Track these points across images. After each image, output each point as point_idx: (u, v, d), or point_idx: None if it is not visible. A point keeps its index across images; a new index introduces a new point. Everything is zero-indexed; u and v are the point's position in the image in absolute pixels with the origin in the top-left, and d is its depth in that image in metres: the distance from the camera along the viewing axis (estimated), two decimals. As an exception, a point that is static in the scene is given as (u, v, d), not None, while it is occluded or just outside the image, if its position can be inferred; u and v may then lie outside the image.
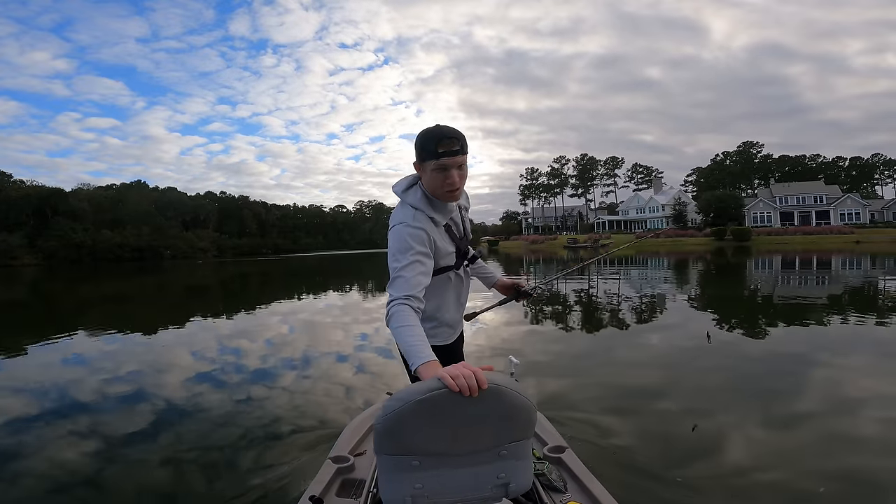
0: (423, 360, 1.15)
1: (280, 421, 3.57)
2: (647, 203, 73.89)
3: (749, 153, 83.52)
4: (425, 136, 1.43)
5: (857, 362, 4.86)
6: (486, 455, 1.10)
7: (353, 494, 1.74)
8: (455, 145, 1.40)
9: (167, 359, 5.89)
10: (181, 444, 3.21)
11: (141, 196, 76.04)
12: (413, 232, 1.43)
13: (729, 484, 2.47)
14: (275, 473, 2.71)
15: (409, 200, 1.51)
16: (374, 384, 4.56)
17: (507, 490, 1.14)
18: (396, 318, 1.27)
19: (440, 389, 1.00)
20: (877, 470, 2.57)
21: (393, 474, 1.09)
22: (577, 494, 1.69)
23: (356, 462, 1.95)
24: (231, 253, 77.41)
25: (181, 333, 7.91)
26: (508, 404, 1.05)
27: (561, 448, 1.97)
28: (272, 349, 6.28)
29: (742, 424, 3.28)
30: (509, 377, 1.10)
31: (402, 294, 1.32)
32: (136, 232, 66.39)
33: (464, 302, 1.75)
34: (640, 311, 8.87)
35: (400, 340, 1.24)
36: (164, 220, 73.13)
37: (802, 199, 60.52)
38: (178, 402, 4.16)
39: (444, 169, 1.41)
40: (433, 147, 1.40)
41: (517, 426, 1.10)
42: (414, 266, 1.37)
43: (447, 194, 1.46)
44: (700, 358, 5.20)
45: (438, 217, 1.52)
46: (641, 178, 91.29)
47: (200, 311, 10.89)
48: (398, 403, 1.03)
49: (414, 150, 1.47)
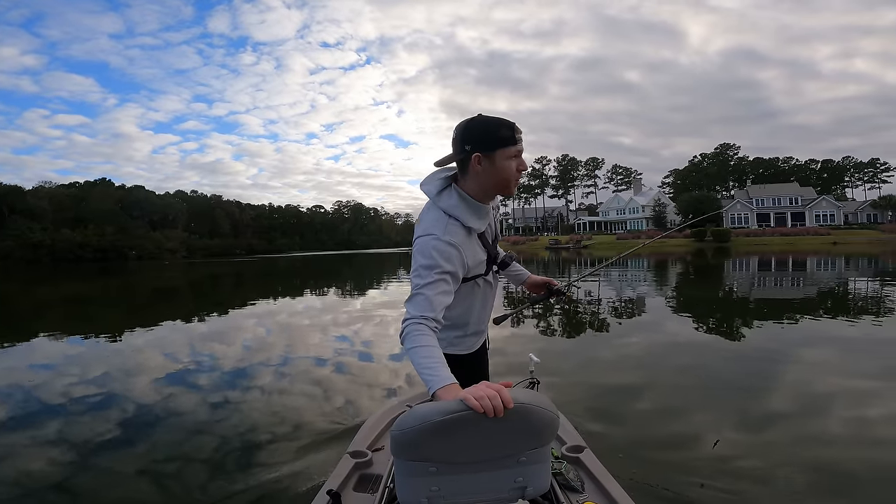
0: (442, 383, 1.10)
1: (297, 412, 3.49)
2: (627, 204, 75.26)
3: (726, 155, 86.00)
4: (493, 123, 1.31)
5: (828, 359, 5.03)
6: (506, 461, 1.09)
7: (370, 489, 1.75)
8: (521, 132, 1.33)
9: (138, 362, 5.69)
10: (183, 441, 3.14)
11: (105, 194, 73.73)
12: (442, 248, 1.30)
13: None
14: (292, 468, 2.75)
15: (442, 205, 1.36)
16: (356, 385, 4.50)
17: (524, 493, 1.13)
18: (411, 339, 1.21)
19: (462, 412, 0.97)
20: (844, 459, 2.68)
21: (409, 478, 1.09)
22: (594, 495, 1.68)
23: (374, 457, 1.95)
24: (202, 254, 75.72)
25: (150, 336, 7.66)
26: (535, 421, 1.03)
27: (580, 448, 1.95)
28: (253, 353, 6.14)
29: (719, 416, 3.36)
30: (533, 391, 1.06)
31: (420, 314, 1.24)
32: (99, 231, 64.36)
33: (490, 307, 1.67)
34: (624, 312, 9.01)
35: (415, 362, 1.18)
36: (129, 219, 71.11)
37: (778, 200, 62.60)
38: (167, 403, 4.02)
39: (519, 154, 1.32)
40: (510, 133, 1.29)
41: (539, 437, 1.09)
42: (437, 285, 1.28)
43: (514, 185, 1.35)
44: (671, 356, 5.31)
45: (476, 224, 1.38)
46: (621, 179, 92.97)
47: (169, 314, 10.57)
48: (418, 421, 1.00)
49: (469, 143, 1.31)
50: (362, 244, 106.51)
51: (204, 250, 78.50)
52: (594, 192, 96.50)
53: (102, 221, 65.95)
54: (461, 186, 1.37)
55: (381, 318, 8.68)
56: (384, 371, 5.02)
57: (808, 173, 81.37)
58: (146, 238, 69.96)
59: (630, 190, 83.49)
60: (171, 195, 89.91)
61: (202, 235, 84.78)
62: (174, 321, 9.10)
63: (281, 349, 6.18)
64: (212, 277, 25.32)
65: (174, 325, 8.65)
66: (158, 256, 66.28)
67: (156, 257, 65.33)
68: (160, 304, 13.67)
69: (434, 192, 1.39)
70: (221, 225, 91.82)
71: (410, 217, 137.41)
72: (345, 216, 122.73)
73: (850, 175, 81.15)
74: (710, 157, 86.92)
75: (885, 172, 77.41)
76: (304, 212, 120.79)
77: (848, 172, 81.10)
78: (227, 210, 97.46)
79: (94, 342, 7.25)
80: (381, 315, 8.99)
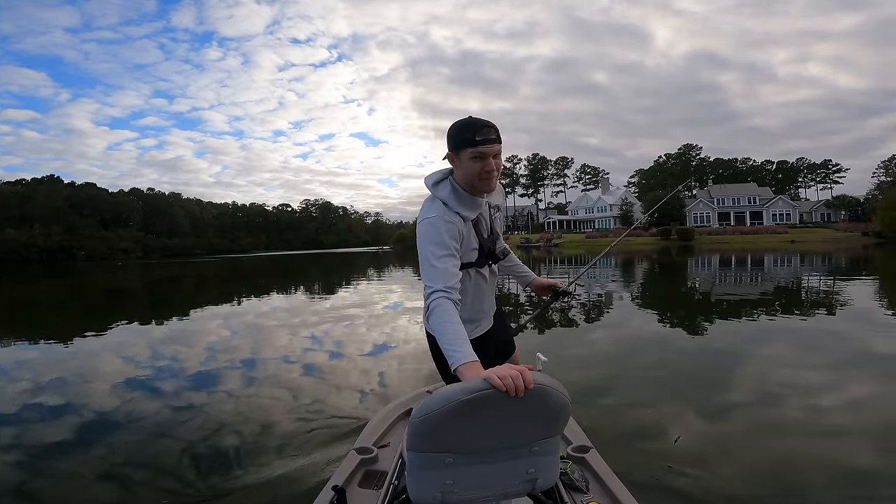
0: (465, 360, 1.15)
1: (310, 407, 3.45)
2: (596, 203, 77.01)
3: (689, 156, 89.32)
4: (461, 125, 1.45)
5: (782, 353, 5.34)
6: (519, 451, 1.13)
7: (375, 486, 1.77)
8: (492, 133, 1.43)
9: (94, 366, 5.48)
10: (188, 438, 3.06)
11: (54, 192, 70.01)
12: (446, 226, 1.44)
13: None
14: (298, 463, 2.77)
15: (438, 195, 1.52)
16: (324, 383, 4.49)
17: (534, 485, 1.17)
18: (438, 313, 1.28)
19: (486, 390, 1.01)
20: (796, 446, 2.89)
21: (424, 471, 1.11)
22: (598, 495, 1.69)
23: (379, 454, 1.98)
24: (159, 254, 73.04)
25: (105, 341, 7.37)
26: (552, 403, 1.08)
27: (585, 448, 1.98)
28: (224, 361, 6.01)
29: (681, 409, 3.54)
30: (549, 376, 1.12)
31: (443, 286, 1.32)
32: (46, 231, 61.12)
33: (488, 300, 1.72)
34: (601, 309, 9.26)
35: (441, 337, 1.24)
36: (79, 218, 67.78)
37: (738, 199, 65.51)
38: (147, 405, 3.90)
39: (482, 157, 1.44)
40: (471, 135, 1.42)
41: (553, 423, 1.13)
42: (448, 259, 1.39)
43: (484, 183, 1.47)
44: (642, 352, 5.53)
45: (466, 213, 1.51)
46: (589, 178, 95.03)
47: (124, 317, 10.18)
48: (442, 402, 1.03)
49: (447, 142, 1.48)
50: (331, 243, 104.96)
51: (162, 250, 75.69)
52: (563, 191, 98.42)
53: (50, 220, 62.63)
54: (454, 179, 1.54)
55: (351, 319, 8.63)
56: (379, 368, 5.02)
57: (764, 174, 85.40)
58: (97, 238, 66.83)
59: (598, 189, 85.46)
60: (125, 193, 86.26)
61: (160, 235, 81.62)
62: (130, 324, 8.78)
63: (278, 349, 6.08)
64: (170, 279, 24.46)
65: (130, 329, 8.35)
66: (111, 257, 63.47)
67: (108, 258, 62.55)
68: (114, 307, 13.14)
69: (432, 183, 1.56)
70: (181, 224, 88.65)
71: (381, 216, 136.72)
72: (312, 215, 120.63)
73: (803, 176, 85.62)
74: (675, 158, 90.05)
75: (837, 173, 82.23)
76: (270, 210, 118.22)
77: (802, 173, 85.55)
78: (187, 208, 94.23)
79: (45, 347, 6.91)
80: (353, 315, 8.94)
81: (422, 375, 4.49)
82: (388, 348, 5.97)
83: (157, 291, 18.15)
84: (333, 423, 3.41)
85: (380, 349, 5.92)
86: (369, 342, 6.34)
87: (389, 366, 5.11)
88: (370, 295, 12.56)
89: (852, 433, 3.02)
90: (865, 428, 3.08)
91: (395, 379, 4.61)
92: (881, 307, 8.51)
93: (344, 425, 3.34)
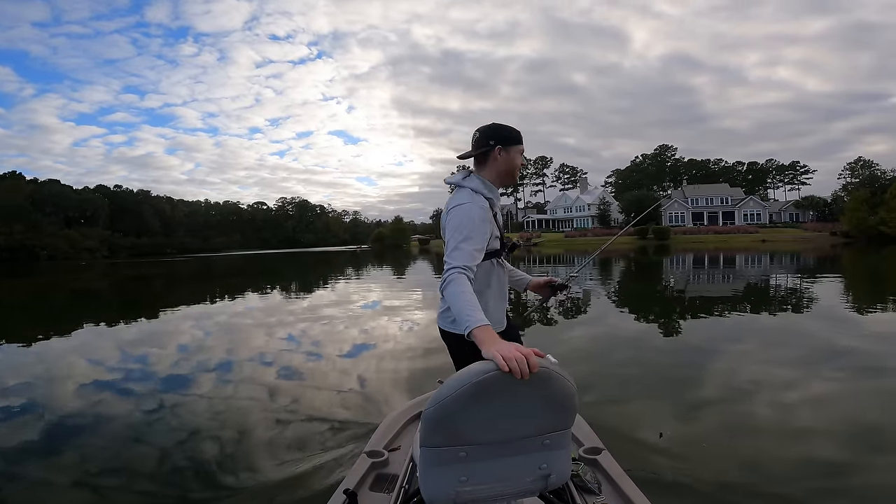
0: (478, 323, 1.24)
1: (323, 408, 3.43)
2: (574, 202, 78.07)
3: (664, 156, 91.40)
4: (509, 127, 1.75)
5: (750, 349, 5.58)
6: (531, 444, 1.15)
7: (386, 489, 1.78)
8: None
9: (62, 369, 5.34)
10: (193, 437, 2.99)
11: (15, 189, 67.02)
12: (476, 211, 1.58)
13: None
14: (307, 467, 2.77)
15: (469, 185, 1.67)
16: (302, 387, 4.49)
17: (547, 482, 1.19)
18: (454, 284, 1.40)
19: (494, 371, 1.04)
20: (765, 438, 3.06)
21: (438, 468, 1.11)
22: (611, 497, 1.70)
23: (390, 457, 1.99)
24: (126, 253, 70.85)
25: (72, 343, 7.18)
26: (557, 389, 1.10)
27: (597, 450, 1.99)
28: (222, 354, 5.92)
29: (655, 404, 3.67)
30: (556, 363, 1.14)
31: (461, 263, 1.45)
32: (6, 229, 58.67)
33: (505, 297, 1.82)
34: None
35: (455, 304, 1.36)
36: (41, 216, 65.29)
37: (711, 200, 67.38)
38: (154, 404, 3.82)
39: (522, 153, 1.77)
40: (519, 136, 1.74)
41: (561, 413, 1.15)
42: (473, 241, 1.52)
43: (516, 176, 1.77)
44: (618, 349, 5.69)
45: (494, 199, 1.72)
46: (568, 178, 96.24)
47: (91, 319, 9.91)
48: (455, 386, 1.05)
49: (494, 138, 1.71)
50: (308, 242, 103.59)
51: (129, 249, 73.40)
52: (542, 190, 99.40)
53: (9, 218, 60.13)
54: (480, 174, 1.74)
55: (328, 318, 8.60)
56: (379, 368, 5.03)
57: (735, 175, 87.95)
58: (59, 236, 64.46)
59: (577, 189, 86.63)
60: (90, 190, 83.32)
61: (127, 234, 79.18)
62: (97, 325, 8.56)
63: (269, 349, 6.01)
64: (138, 279, 23.79)
65: (98, 331, 8.14)
66: (74, 256, 61.30)
67: (71, 257, 60.37)
68: (80, 309, 12.75)
69: (460, 179, 1.72)
70: (150, 222, 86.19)
71: (359, 214, 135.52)
72: (289, 213, 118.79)
73: (772, 177, 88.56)
74: (651, 158, 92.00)
75: (804, 175, 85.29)
76: (245, 209, 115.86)
77: (771, 174, 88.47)
78: (157, 206, 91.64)
79: (9, 350, 6.68)
80: (330, 315, 8.91)
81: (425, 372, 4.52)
82: (391, 347, 5.99)
83: (124, 292, 17.65)
84: (341, 426, 3.40)
85: (374, 349, 5.94)
86: (374, 340, 6.35)
87: (399, 365, 5.12)
88: (347, 294, 12.51)
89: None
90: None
91: (404, 378, 4.63)
92: (844, 305, 8.93)
93: (351, 427, 3.34)
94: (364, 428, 3.21)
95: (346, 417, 3.57)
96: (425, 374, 4.54)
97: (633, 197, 65.35)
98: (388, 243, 69.45)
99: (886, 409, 3.47)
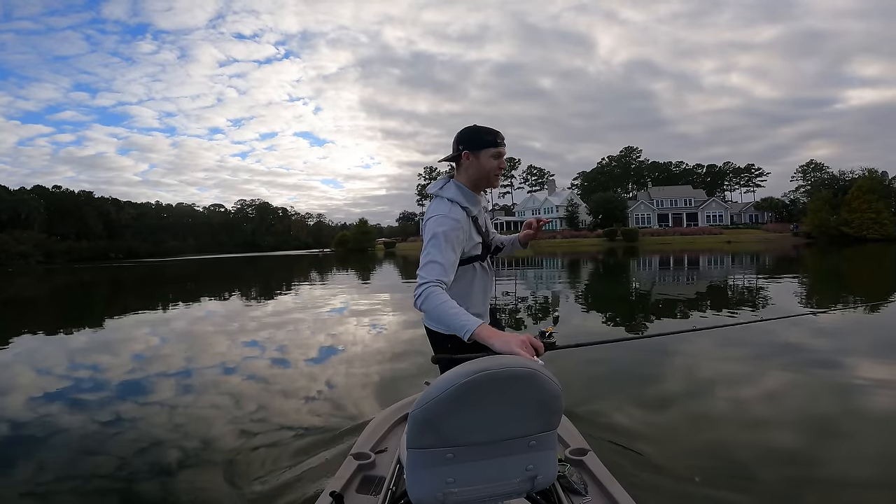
0: (477, 323, 1.33)
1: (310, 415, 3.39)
2: (543, 204, 79.44)
3: (629, 158, 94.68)
4: (480, 130, 1.75)
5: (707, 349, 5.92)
6: (518, 445, 1.19)
7: (373, 491, 1.80)
8: (503, 139, 1.76)
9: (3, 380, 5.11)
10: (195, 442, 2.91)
11: (-64, 189, 62.92)
12: (449, 222, 1.63)
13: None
14: (294, 471, 2.77)
15: (445, 194, 1.73)
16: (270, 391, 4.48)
17: (533, 483, 1.22)
18: (434, 297, 1.44)
19: (482, 371, 1.08)
20: (724, 429, 3.30)
21: (425, 470, 1.15)
22: (597, 498, 1.74)
23: (377, 459, 2.01)
24: (65, 258, 67.50)
25: (11, 353, 6.85)
26: (542, 390, 1.14)
27: (583, 451, 2.04)
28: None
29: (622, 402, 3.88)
30: (542, 364, 1.18)
31: (435, 278, 1.50)
32: (-73, 233, 54.89)
33: (488, 296, 1.88)
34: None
35: (443, 314, 1.41)
36: (-33, 218, 61.39)
37: (675, 201, 70.10)
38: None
39: (499, 156, 1.75)
40: (492, 138, 1.73)
41: (548, 414, 1.19)
42: (447, 254, 1.57)
43: (495, 179, 1.77)
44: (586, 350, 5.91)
45: (471, 207, 1.74)
46: (535, 180, 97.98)
47: (28, 328, 9.45)
48: (442, 387, 1.08)
49: (461, 143, 1.73)
50: (268, 246, 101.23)
51: (67, 254, 70.06)
52: (510, 192, 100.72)
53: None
54: (458, 180, 1.78)
55: (293, 323, 8.52)
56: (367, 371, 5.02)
57: (695, 177, 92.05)
58: (-14, 240, 60.85)
59: (544, 190, 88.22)
60: (26, 191, 79.03)
61: (66, 237, 75.43)
62: (35, 334, 8.19)
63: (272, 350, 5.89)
64: (76, 286, 22.69)
65: (38, 339, 7.79)
66: (5, 262, 57.91)
67: (2, 263, 57.07)
68: (13, 317, 12.11)
69: (437, 188, 1.77)
70: (92, 225, 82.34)
71: (323, 217, 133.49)
72: (249, 216, 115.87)
73: (729, 179, 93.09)
74: (616, 160, 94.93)
75: (759, 177, 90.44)
76: (201, 211, 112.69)
77: (728, 177, 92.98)
78: (101, 208, 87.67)
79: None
80: (296, 319, 8.83)
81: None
82: (381, 349, 6.00)
83: (63, 299, 16.82)
84: (327, 428, 3.42)
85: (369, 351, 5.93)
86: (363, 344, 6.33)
87: (382, 368, 5.12)
88: (314, 299, 12.38)
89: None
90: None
91: (389, 379, 4.66)
92: (799, 303, 9.54)
93: (338, 429, 3.36)
94: (349, 423, 3.27)
95: (325, 420, 3.60)
96: (404, 375, 4.59)
97: (600, 198, 67.22)
98: (352, 247, 68.65)
99: (834, 398, 3.81)
